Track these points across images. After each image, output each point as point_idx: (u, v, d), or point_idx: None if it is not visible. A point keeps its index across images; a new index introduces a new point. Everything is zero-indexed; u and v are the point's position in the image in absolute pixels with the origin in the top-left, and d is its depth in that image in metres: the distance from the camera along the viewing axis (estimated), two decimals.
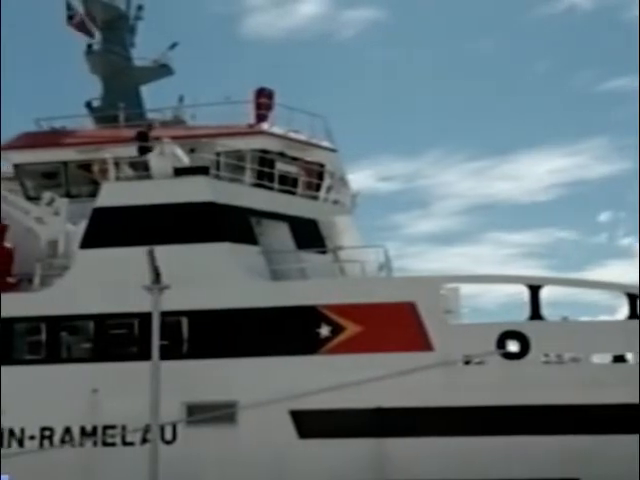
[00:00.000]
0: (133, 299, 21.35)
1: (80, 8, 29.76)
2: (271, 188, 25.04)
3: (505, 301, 23.07)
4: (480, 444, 21.05)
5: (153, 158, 24.19)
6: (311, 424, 21.72)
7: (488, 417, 21.33)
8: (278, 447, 21.53)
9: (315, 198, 25.97)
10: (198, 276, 22.50)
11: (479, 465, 20.92)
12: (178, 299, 21.04)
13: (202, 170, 24.09)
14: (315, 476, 21.15)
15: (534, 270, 78.01)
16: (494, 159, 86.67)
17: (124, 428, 22.11)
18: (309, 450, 21.52)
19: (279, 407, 21.50)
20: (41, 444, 22.39)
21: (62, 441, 22.33)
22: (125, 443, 22.15)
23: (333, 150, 27.02)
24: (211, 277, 22.66)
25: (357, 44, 72.45)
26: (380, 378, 21.11)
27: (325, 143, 26.89)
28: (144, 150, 24.27)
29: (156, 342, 20.36)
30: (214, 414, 21.47)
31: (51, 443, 22.35)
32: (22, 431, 22.52)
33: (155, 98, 30.12)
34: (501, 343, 21.72)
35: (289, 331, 22.31)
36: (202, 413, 21.67)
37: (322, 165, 26.46)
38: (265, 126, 26.37)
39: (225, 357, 22.22)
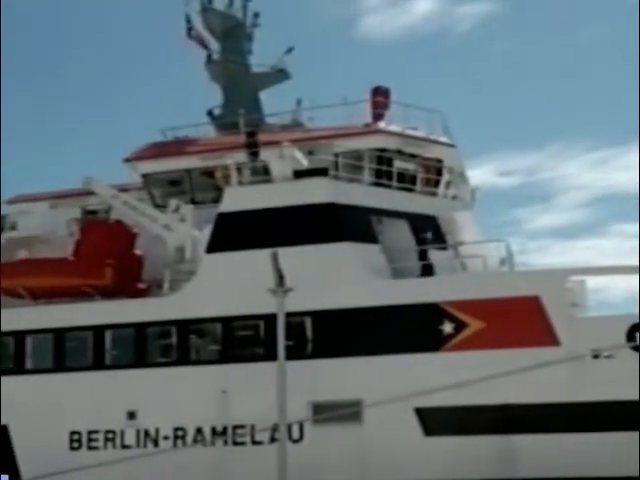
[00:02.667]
0: (258, 301, 21.77)
1: (198, 20, 30.56)
2: (390, 186, 25.07)
3: (633, 294, 22.21)
4: (611, 440, 20.51)
5: (273, 162, 24.63)
6: (436, 421, 21.65)
7: (618, 412, 20.72)
8: (404, 445, 21.57)
9: (434, 194, 25.84)
10: (320, 276, 22.80)
11: (611, 462, 20.37)
12: (302, 300, 21.37)
13: (321, 171, 24.34)
14: (441, 474, 21.10)
15: None
16: (616, 149, 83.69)
17: (253, 428, 22.59)
18: (435, 448, 21.47)
19: (404, 405, 21.47)
20: (175, 444, 23.16)
21: (194, 441, 23.03)
22: (254, 442, 22.63)
23: (451, 145, 26.81)
24: (333, 277, 22.91)
25: (473, 38, 71.47)
26: (506, 374, 20.82)
27: (443, 139, 26.72)
28: (254, 154, 24.70)
29: (282, 343, 20.75)
30: (340, 413, 21.67)
31: (184, 443, 23.08)
32: (157, 431, 23.36)
33: (274, 103, 30.66)
34: (631, 336, 21.07)
35: (412, 329, 22.27)
36: (328, 412, 21.91)
37: (440, 161, 26.30)
38: (382, 125, 26.44)
39: (349, 356, 22.40)
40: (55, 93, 69.06)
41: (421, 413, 21.77)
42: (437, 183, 26.09)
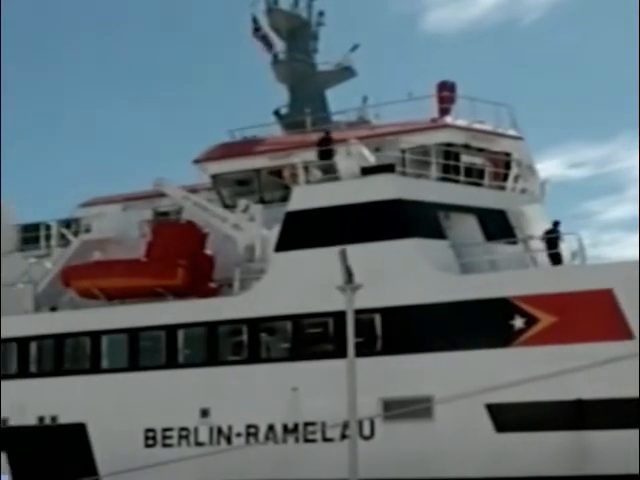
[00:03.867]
0: (327, 298, 21.86)
1: (264, 21, 30.80)
2: (457, 181, 24.91)
3: None
4: None
5: (340, 159, 24.70)
6: (508, 417, 21.42)
7: None
8: (475, 441, 21.43)
9: (502, 188, 25.58)
10: (389, 273, 22.75)
11: None
12: (371, 297, 21.38)
13: (388, 168, 24.32)
14: (513, 471, 20.88)
15: None
16: None
17: (324, 425, 22.69)
18: (507, 444, 21.26)
19: (475, 401, 21.18)
20: (247, 441, 23.40)
21: (266, 438, 23.23)
22: (325, 439, 22.72)
23: (519, 138, 26.51)
24: (401, 273, 22.86)
25: (540, 29, 70.51)
26: (578, 369, 20.48)
27: (511, 132, 26.45)
28: (326, 155, 24.77)
29: (351, 340, 20.79)
30: (410, 409, 21.61)
31: (256, 440, 23.31)
32: (229, 429, 23.62)
33: (340, 100, 30.74)
34: None
35: (482, 324, 22.09)
36: (398, 408, 21.86)
37: (509, 154, 26.02)
38: (448, 119, 26.29)
39: (419, 352, 22.32)
40: (125, 96, 70.45)
41: (492, 409, 21.57)
42: (505, 177, 25.82)
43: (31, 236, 29.95)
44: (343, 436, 21.89)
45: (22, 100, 69.25)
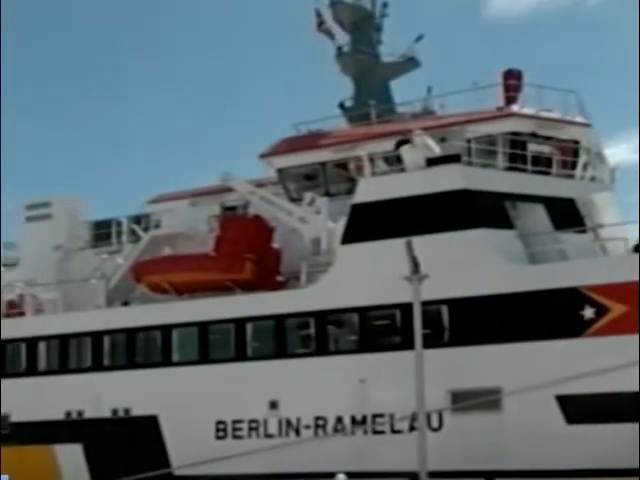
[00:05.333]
0: (394, 290, 21.91)
1: (328, 14, 30.82)
2: (524, 170, 24.58)
3: None
4: None
5: (405, 151, 24.62)
6: (579, 409, 21.08)
7: None
8: (545, 433, 21.14)
9: (571, 177, 25.12)
10: (456, 264, 22.61)
11: None
12: (437, 288, 21.39)
13: (454, 158, 24.09)
14: (584, 463, 20.55)
15: None
16: None
17: (392, 416, 22.67)
18: (577, 436, 20.94)
19: (545, 392, 21.09)
20: (315, 433, 23.53)
21: (335, 430, 23.32)
22: (393, 431, 22.69)
23: (588, 125, 26.01)
24: (469, 264, 22.67)
25: (606, 11, 68.98)
26: None
27: (579, 119, 25.95)
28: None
29: (418, 331, 20.84)
30: (479, 401, 21.47)
31: (324, 432, 23.41)
32: (298, 421, 23.77)
33: (404, 91, 30.59)
34: None
35: (551, 314, 21.78)
36: (466, 400, 21.75)
37: (577, 142, 25.53)
38: (515, 108, 25.92)
39: (487, 343, 22.11)
40: (191, 92, 71.27)
41: (563, 400, 21.27)
42: (574, 165, 25.33)
43: (103, 233, 30.54)
44: (411, 428, 21.96)
45: (92, 101, 70.71)
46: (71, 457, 26.32)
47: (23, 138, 68.27)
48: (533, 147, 24.90)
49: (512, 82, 26.28)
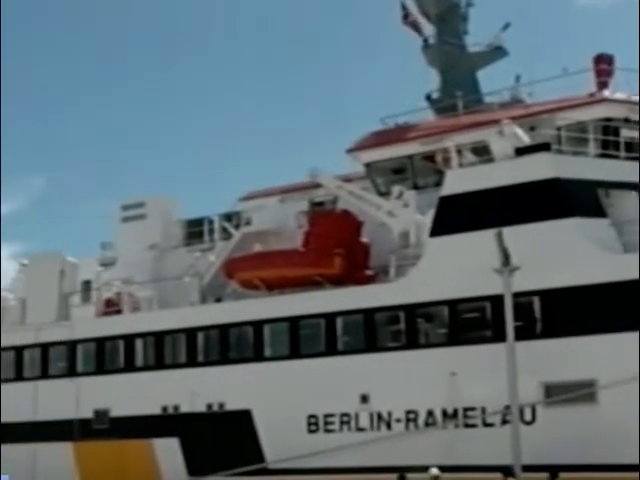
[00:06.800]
0: (484, 282, 21.64)
1: (413, 6, 30.61)
2: (617, 157, 23.94)
3: None
4: None
5: (493, 141, 24.27)
6: None
7: None
8: None
9: None
10: (547, 254, 22.21)
11: None
12: (529, 279, 21.02)
13: (543, 147, 23.65)
14: None
15: None
16: None
17: (483, 410, 22.41)
18: None
19: None
20: (407, 426, 23.42)
21: (426, 423, 23.19)
22: (485, 424, 22.42)
23: None
24: (561, 254, 22.22)
25: None
26: None
27: None
28: None
29: (510, 323, 20.52)
30: (573, 394, 21.02)
31: (416, 425, 23.30)
32: (389, 414, 23.71)
33: (492, 81, 30.11)
34: None
35: None
36: (560, 393, 21.32)
37: None
38: (606, 93, 25.26)
39: (581, 335, 21.64)
40: (279, 89, 71.82)
41: None
42: None
43: (195, 231, 31.02)
44: (504, 421, 21.66)
45: (185, 103, 72.04)
46: (168, 451, 26.92)
47: (120, 141, 70.18)
48: (626, 133, 24.27)
49: (603, 67, 25.61)
